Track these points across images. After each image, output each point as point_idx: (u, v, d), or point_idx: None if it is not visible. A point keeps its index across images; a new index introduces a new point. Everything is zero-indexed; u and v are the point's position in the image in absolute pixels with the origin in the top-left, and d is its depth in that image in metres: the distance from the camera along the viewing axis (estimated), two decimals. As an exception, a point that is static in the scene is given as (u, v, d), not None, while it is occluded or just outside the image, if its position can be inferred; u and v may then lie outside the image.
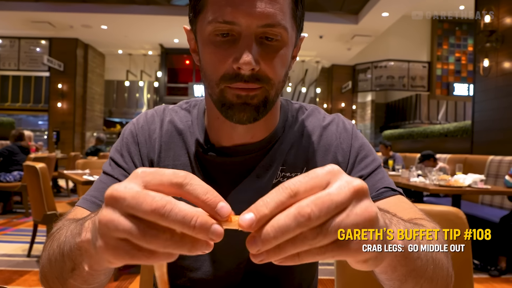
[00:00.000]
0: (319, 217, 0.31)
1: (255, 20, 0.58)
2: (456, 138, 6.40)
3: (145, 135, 0.75)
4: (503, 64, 5.06)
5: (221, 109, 0.64)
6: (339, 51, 11.03)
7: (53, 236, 0.53)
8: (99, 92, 12.47)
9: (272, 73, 0.61)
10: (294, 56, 0.71)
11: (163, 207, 0.31)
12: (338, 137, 0.74)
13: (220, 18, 0.58)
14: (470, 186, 3.35)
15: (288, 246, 0.32)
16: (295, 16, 0.64)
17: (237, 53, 0.59)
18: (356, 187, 0.33)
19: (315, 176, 0.34)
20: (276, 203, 0.32)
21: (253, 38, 0.59)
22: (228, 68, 0.60)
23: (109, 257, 0.34)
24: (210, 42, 0.61)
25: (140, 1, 8.62)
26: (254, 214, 0.32)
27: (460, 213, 0.98)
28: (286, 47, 0.63)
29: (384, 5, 7.77)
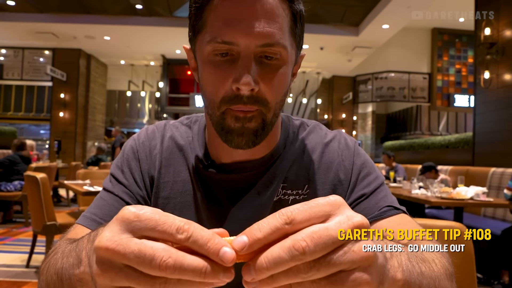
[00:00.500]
0: (314, 252, 0.31)
1: (254, 40, 0.58)
2: (457, 150, 6.39)
3: (146, 151, 0.74)
4: (504, 76, 5.08)
5: (221, 133, 0.64)
6: (340, 62, 11.10)
7: (49, 259, 0.51)
8: (101, 102, 12.53)
9: (270, 96, 0.61)
10: (294, 74, 0.70)
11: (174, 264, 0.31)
12: (340, 154, 0.73)
13: (219, 38, 0.58)
14: (472, 199, 3.33)
15: (281, 277, 0.32)
16: (294, 34, 0.64)
17: (236, 73, 0.59)
18: (356, 224, 0.33)
19: (315, 206, 0.33)
20: (271, 229, 0.32)
21: (252, 58, 0.59)
22: (228, 90, 0.60)
23: None
24: (209, 62, 0.61)
25: (142, 13, 8.72)
26: (248, 238, 0.32)
27: (463, 229, 0.97)
28: (286, 65, 0.62)
29: (384, 17, 7.84)
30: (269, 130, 0.65)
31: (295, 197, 0.71)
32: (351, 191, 0.71)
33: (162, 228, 0.32)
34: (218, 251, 0.32)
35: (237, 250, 0.32)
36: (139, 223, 0.33)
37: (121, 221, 0.33)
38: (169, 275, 0.31)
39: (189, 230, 0.32)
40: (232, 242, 0.33)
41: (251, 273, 0.32)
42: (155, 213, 0.33)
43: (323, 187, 0.72)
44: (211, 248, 0.32)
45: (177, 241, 0.32)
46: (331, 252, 0.32)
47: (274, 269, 0.31)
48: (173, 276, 0.31)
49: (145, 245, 0.32)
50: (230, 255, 0.32)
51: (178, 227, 0.32)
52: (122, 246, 0.32)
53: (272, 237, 0.32)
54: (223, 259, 0.32)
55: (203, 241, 0.32)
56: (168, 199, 0.71)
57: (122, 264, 0.32)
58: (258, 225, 0.33)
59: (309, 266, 0.31)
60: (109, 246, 0.32)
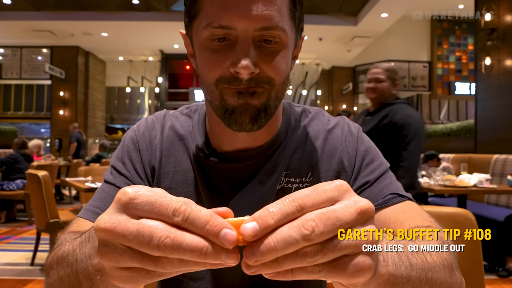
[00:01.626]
0: (323, 233, 0.31)
1: (251, 23, 0.56)
2: (459, 138, 6.36)
3: (146, 141, 0.73)
4: (505, 62, 5.04)
5: (224, 115, 0.62)
6: (339, 53, 11.03)
7: (57, 252, 0.50)
8: (100, 99, 12.51)
9: (273, 73, 0.59)
10: (295, 57, 0.69)
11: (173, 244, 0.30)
12: (344, 141, 0.72)
13: (216, 23, 0.57)
14: (475, 186, 3.32)
15: (287, 261, 0.31)
16: (294, 16, 0.62)
17: (234, 57, 0.57)
18: (362, 208, 0.33)
19: (323, 192, 0.33)
20: (282, 215, 0.31)
21: (251, 42, 0.57)
22: (225, 71, 0.58)
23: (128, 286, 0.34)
24: (206, 47, 0.60)
25: (139, 8, 8.66)
26: (258, 224, 0.31)
27: (469, 215, 0.96)
28: (285, 49, 0.61)
29: (383, 6, 7.77)
30: (271, 113, 0.63)
31: (298, 185, 0.70)
32: (355, 178, 0.70)
33: (158, 210, 0.32)
34: (218, 233, 0.31)
35: (246, 236, 0.31)
36: (136, 205, 0.32)
37: (118, 203, 0.33)
38: (168, 255, 0.30)
39: (186, 212, 0.31)
40: (242, 228, 0.31)
41: (255, 254, 0.31)
42: (151, 194, 0.32)
43: (327, 174, 0.70)
44: (210, 230, 0.31)
45: (174, 223, 0.31)
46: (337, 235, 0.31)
47: (283, 250, 0.30)
48: (173, 255, 0.30)
49: (143, 224, 0.31)
50: (231, 237, 0.31)
51: (175, 209, 0.31)
52: (120, 227, 0.31)
53: (282, 223, 0.31)
54: (224, 241, 0.31)
55: (201, 223, 0.31)
56: (170, 189, 0.70)
57: (123, 246, 0.32)
58: (269, 211, 0.32)
59: (316, 250, 0.31)
60: (108, 227, 0.32)
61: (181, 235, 0.30)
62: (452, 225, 0.99)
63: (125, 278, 0.33)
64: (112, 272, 0.34)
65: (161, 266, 0.31)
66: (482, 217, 3.74)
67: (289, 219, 0.31)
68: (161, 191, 0.33)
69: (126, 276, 0.33)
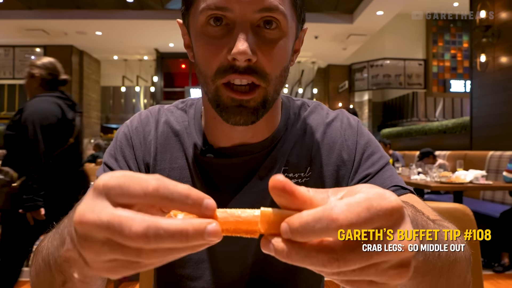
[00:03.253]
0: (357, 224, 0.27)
1: (250, 4, 0.54)
2: (454, 135, 6.38)
3: (140, 137, 0.71)
4: (500, 58, 5.05)
5: (216, 110, 0.60)
6: (335, 51, 11.03)
7: (37, 249, 0.50)
8: (95, 98, 12.43)
9: (269, 67, 0.57)
10: (297, 50, 0.67)
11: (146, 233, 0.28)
12: (343, 134, 0.70)
13: (212, 5, 0.55)
14: (471, 182, 3.33)
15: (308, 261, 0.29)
16: (295, 4, 0.60)
17: (231, 43, 0.55)
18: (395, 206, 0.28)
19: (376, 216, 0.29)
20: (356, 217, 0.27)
21: (249, 26, 0.55)
22: (222, 61, 0.56)
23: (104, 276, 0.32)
24: (203, 33, 0.58)
25: (134, 6, 8.60)
26: None
27: (467, 210, 0.95)
28: (286, 37, 0.59)
29: (378, 3, 7.77)
30: (270, 107, 0.61)
31: (297, 180, 0.68)
32: (355, 171, 0.68)
33: (128, 192, 0.29)
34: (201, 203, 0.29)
35: None
36: (109, 191, 0.30)
37: (93, 191, 0.31)
38: (145, 246, 0.28)
39: (159, 188, 0.29)
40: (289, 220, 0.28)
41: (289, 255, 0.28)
42: (122, 176, 0.30)
43: (326, 168, 0.69)
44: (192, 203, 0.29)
45: (151, 202, 0.29)
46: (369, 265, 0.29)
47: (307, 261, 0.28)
48: (150, 246, 0.28)
49: (114, 214, 0.29)
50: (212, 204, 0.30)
51: (145, 187, 0.29)
52: (93, 218, 0.29)
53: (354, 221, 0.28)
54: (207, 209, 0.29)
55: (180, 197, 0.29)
56: None
57: (103, 237, 0.29)
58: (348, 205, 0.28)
59: None
60: (82, 219, 0.29)
61: (155, 222, 0.28)
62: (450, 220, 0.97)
63: (108, 269, 0.31)
64: (93, 263, 0.32)
65: (144, 256, 0.29)
66: (478, 213, 3.75)
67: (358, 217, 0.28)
68: (133, 173, 0.31)
69: (109, 267, 0.31)
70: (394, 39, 11.46)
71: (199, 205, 0.29)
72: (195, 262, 0.69)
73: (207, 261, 0.69)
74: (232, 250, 0.68)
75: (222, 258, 0.68)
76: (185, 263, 0.69)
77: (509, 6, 4.89)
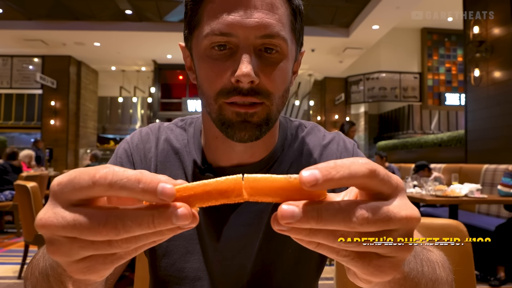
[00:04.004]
0: (370, 226, 0.30)
1: (253, 31, 0.56)
2: (450, 148, 6.42)
3: (140, 154, 0.72)
4: (494, 73, 5.12)
5: (221, 128, 0.61)
6: (331, 63, 11.13)
7: (32, 263, 0.50)
8: (92, 108, 12.42)
9: (272, 87, 0.59)
10: (295, 72, 0.68)
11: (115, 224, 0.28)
12: (339, 156, 0.72)
13: (217, 30, 0.56)
14: (466, 196, 3.34)
15: (320, 235, 0.30)
16: (294, 29, 0.62)
17: (235, 65, 0.56)
18: (412, 215, 0.31)
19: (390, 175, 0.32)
20: (350, 174, 0.29)
21: (252, 50, 0.57)
22: (226, 83, 0.58)
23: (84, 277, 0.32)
24: (207, 56, 0.59)
25: (132, 18, 8.67)
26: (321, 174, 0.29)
27: (460, 226, 0.96)
28: (286, 59, 0.60)
29: (374, 18, 7.88)
30: (273, 125, 0.62)
31: None
32: None
33: (79, 184, 0.29)
34: (154, 189, 0.28)
35: (305, 184, 0.28)
36: (63, 189, 0.30)
37: (51, 194, 0.31)
38: (115, 237, 0.28)
39: (107, 175, 0.29)
40: (301, 172, 0.29)
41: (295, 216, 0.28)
42: (72, 171, 0.30)
43: None
44: (146, 188, 0.28)
45: (102, 192, 0.29)
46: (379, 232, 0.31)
47: (322, 225, 0.29)
48: (120, 236, 0.28)
49: (79, 211, 0.29)
50: (170, 190, 0.28)
51: (92, 176, 0.29)
52: (57, 220, 0.29)
53: (345, 183, 0.30)
54: (163, 195, 0.28)
55: (132, 183, 0.29)
56: None
57: (68, 237, 0.30)
58: (336, 163, 0.30)
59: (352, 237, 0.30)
60: (45, 223, 0.30)
61: (121, 212, 0.28)
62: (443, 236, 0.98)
63: (84, 270, 0.31)
64: (68, 267, 0.32)
65: (116, 246, 0.29)
66: (473, 227, 3.76)
67: (354, 182, 0.30)
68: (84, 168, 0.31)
69: (84, 267, 0.31)
70: (390, 53, 11.59)
71: (153, 191, 0.28)
72: (191, 280, 0.69)
73: (204, 279, 0.69)
74: (228, 269, 0.68)
75: (219, 276, 0.68)
76: (181, 281, 0.69)
77: (502, 22, 4.99)
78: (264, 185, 0.30)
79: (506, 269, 3.35)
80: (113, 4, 7.95)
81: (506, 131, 4.87)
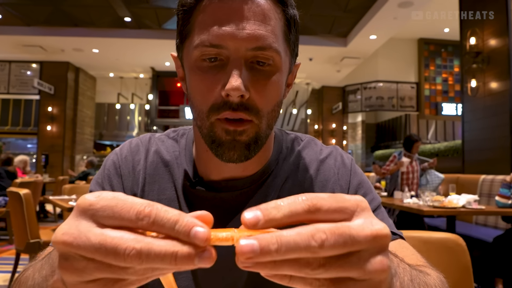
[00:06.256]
0: (332, 248, 0.28)
1: (244, 42, 0.54)
2: (447, 158, 6.43)
3: (129, 166, 0.69)
4: (490, 84, 5.15)
5: (211, 146, 0.59)
6: (329, 73, 11.19)
7: (19, 278, 0.47)
8: (89, 115, 12.40)
9: (261, 103, 0.57)
10: (290, 84, 0.66)
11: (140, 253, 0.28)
12: (336, 172, 0.69)
13: (207, 41, 0.55)
14: (464, 207, 3.32)
15: (285, 266, 0.28)
16: (288, 40, 0.60)
17: (225, 78, 0.54)
18: (379, 232, 0.29)
19: (341, 201, 0.30)
20: (291, 212, 0.29)
21: (243, 62, 0.55)
22: (217, 97, 0.56)
23: None
24: (197, 68, 0.57)
25: (131, 25, 8.70)
26: (262, 214, 0.28)
27: (459, 240, 0.94)
28: (279, 72, 0.58)
29: (371, 28, 7.95)
30: (263, 143, 0.60)
31: None
32: None
33: (120, 214, 0.29)
34: (188, 232, 0.28)
35: (247, 225, 0.28)
36: (96, 211, 0.29)
37: (77, 210, 0.30)
38: (137, 266, 0.28)
39: (151, 214, 0.29)
40: (243, 214, 0.29)
41: (255, 251, 0.27)
42: (113, 198, 0.30)
43: None
44: (181, 230, 0.28)
45: (140, 227, 0.29)
46: (346, 254, 0.29)
47: (283, 254, 0.27)
48: (142, 266, 0.28)
49: (106, 235, 0.28)
50: (203, 234, 0.28)
51: (138, 212, 0.29)
52: (81, 239, 0.28)
53: (287, 221, 0.29)
54: (196, 239, 0.28)
55: (170, 224, 0.28)
56: None
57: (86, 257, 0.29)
58: (276, 203, 0.29)
59: (319, 263, 0.28)
60: (67, 240, 0.29)
61: (148, 244, 0.28)
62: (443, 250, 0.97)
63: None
64: (74, 285, 0.30)
65: (132, 273, 0.29)
66: (471, 238, 3.74)
67: (297, 218, 0.29)
68: (123, 195, 0.30)
69: None
70: (387, 63, 11.68)
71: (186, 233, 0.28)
72: None
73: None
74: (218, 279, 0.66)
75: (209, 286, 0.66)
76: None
77: (498, 33, 5.02)
78: None
79: (504, 282, 3.32)
80: (112, 11, 7.98)
81: (503, 142, 4.88)
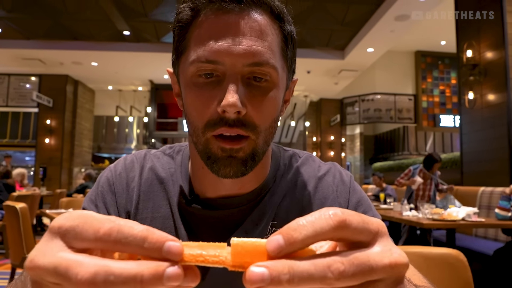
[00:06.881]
0: (349, 281, 0.26)
1: (240, 58, 0.53)
2: (445, 170, 6.42)
3: (123, 183, 0.68)
4: (488, 96, 5.18)
5: (207, 162, 0.58)
6: (327, 85, 11.25)
7: None
8: (88, 127, 12.39)
9: (259, 119, 0.56)
10: (287, 100, 0.66)
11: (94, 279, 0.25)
12: (335, 190, 0.68)
13: (203, 57, 0.54)
14: (464, 220, 3.30)
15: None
16: (286, 56, 0.60)
17: (221, 95, 0.54)
18: (398, 262, 0.28)
19: (367, 221, 0.29)
20: (316, 232, 0.27)
21: (239, 79, 0.54)
22: (213, 113, 0.55)
23: None
24: (193, 84, 0.56)
25: (130, 39, 8.77)
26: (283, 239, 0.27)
27: (460, 256, 0.93)
28: (276, 88, 0.58)
29: (368, 41, 8.02)
30: (259, 159, 0.59)
31: None
32: None
33: (81, 235, 0.27)
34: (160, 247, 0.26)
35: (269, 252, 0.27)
36: (66, 234, 0.28)
37: (48, 232, 0.29)
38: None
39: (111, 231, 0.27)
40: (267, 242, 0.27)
41: (264, 280, 0.25)
42: (77, 217, 0.28)
43: None
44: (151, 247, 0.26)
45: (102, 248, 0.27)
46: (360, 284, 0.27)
47: (295, 285, 0.26)
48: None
49: (62, 258, 0.27)
50: (177, 248, 0.26)
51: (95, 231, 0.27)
52: (43, 262, 0.27)
53: (312, 242, 0.27)
54: (170, 254, 0.26)
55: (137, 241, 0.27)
56: None
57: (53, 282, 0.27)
58: (299, 224, 0.27)
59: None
60: (33, 264, 0.27)
61: (104, 267, 0.26)
62: (444, 266, 0.95)
63: None
64: None
65: None
66: (471, 251, 3.70)
67: (324, 237, 0.27)
68: (91, 213, 0.29)
69: None
70: (385, 75, 11.76)
71: (158, 249, 0.27)
72: None
73: None
74: None
75: None
76: None
77: (494, 45, 5.08)
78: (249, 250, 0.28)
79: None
80: (111, 25, 8.04)
81: (501, 154, 4.88)
